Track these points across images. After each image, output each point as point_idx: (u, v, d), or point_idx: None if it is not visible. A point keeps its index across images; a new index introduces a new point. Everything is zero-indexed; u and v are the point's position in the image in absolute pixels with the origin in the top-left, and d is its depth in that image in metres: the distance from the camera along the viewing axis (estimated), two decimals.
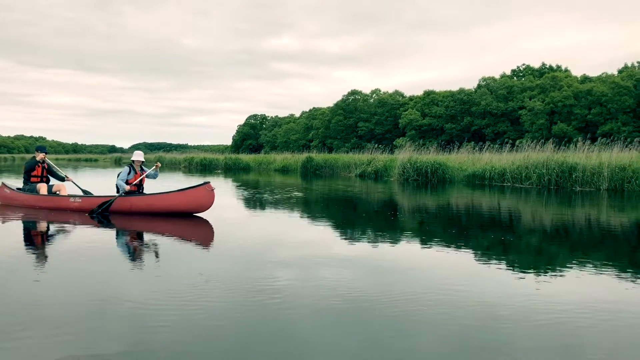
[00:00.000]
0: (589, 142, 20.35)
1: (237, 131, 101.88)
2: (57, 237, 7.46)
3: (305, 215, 10.52)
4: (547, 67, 62.15)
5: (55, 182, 11.01)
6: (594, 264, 5.68)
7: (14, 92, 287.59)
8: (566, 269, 5.52)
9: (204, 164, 43.91)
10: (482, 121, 55.97)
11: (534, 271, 5.34)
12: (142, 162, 10.01)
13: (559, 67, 61.70)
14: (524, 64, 63.65)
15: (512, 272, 5.30)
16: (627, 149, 19.72)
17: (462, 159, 23.46)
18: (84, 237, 7.34)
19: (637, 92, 46.68)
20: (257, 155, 52.54)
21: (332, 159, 31.93)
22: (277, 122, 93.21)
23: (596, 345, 3.30)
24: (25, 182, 10.72)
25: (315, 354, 3.07)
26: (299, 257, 5.87)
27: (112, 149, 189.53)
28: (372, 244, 6.90)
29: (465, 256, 6.12)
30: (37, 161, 10.58)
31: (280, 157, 39.54)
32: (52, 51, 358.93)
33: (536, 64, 62.78)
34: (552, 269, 5.52)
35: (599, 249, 6.94)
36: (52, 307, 3.88)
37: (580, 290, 4.62)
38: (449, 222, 9.56)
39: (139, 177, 9.73)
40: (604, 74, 53.24)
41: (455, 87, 60.87)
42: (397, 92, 70.30)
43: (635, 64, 54.54)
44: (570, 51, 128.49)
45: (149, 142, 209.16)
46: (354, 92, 71.57)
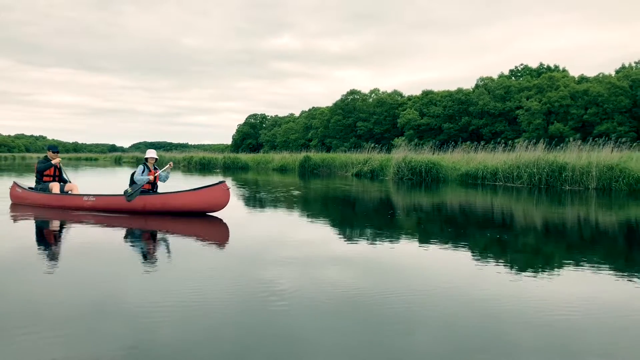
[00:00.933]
0: (579, 141, 20.75)
1: (237, 130, 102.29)
2: (68, 236, 7.46)
3: (303, 214, 10.69)
4: (544, 67, 62.57)
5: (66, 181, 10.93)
6: (589, 263, 5.73)
7: (14, 92, 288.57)
8: (563, 267, 5.57)
9: (202, 163, 44.29)
10: (480, 121, 56.37)
11: (531, 270, 5.38)
12: (155, 161, 9.92)
13: (556, 67, 62.11)
14: (522, 64, 64.13)
15: (510, 271, 5.32)
16: (618, 149, 20.17)
17: (456, 158, 23.86)
18: (95, 236, 7.36)
19: (632, 93, 47.06)
20: (256, 154, 52.94)
21: (329, 159, 32.33)
22: (276, 121, 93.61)
23: (595, 343, 3.31)
24: (37, 182, 10.64)
25: (316, 353, 3.07)
26: (299, 256, 5.90)
27: (113, 148, 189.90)
28: (371, 243, 6.94)
29: (462, 255, 6.16)
30: (52, 164, 10.54)
31: (278, 157, 39.95)
32: (53, 50, 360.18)
33: (536, 64, 63.22)
34: (549, 268, 5.55)
35: (593, 248, 7.02)
36: (56, 306, 3.88)
37: (577, 288, 4.64)
38: (445, 221, 9.73)
39: (153, 175, 9.65)
40: (600, 74, 53.62)
41: (455, 87, 61.16)
42: (395, 92, 70.72)
43: (632, 64, 55.03)
44: (570, 51, 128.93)
45: (149, 141, 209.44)
46: (352, 92, 71.96)
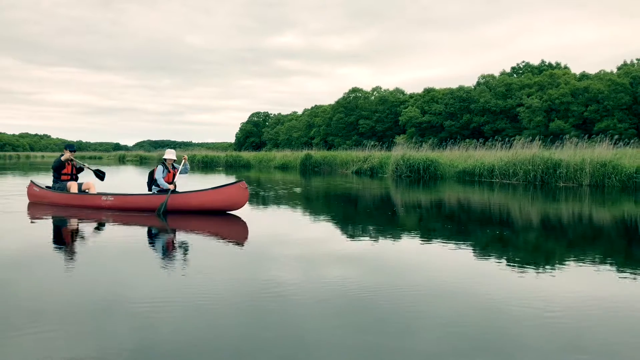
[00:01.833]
0: (575, 138, 21.10)
1: (240, 129, 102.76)
2: (84, 234, 7.44)
3: (304, 212, 10.86)
4: (546, 64, 62.70)
5: (83, 180, 10.96)
6: (590, 260, 5.77)
7: (18, 91, 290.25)
8: (563, 264, 5.61)
9: (205, 161, 44.79)
10: (481, 118, 56.60)
11: (533, 267, 5.38)
12: (174, 161, 10.00)
13: (558, 64, 62.24)
14: (523, 61, 64.28)
15: (511, 268, 5.33)
16: (614, 146, 20.51)
17: (454, 155, 24.24)
18: (111, 234, 7.40)
19: (633, 90, 47.24)
20: (258, 152, 53.39)
21: (330, 156, 32.75)
22: (279, 119, 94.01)
23: (599, 341, 3.31)
24: (55, 181, 10.61)
25: (319, 351, 3.08)
26: (301, 254, 5.94)
27: (117, 147, 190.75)
28: (372, 241, 6.98)
29: (463, 252, 6.18)
30: (62, 160, 10.46)
31: (280, 155, 40.42)
32: (57, 49, 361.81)
33: (539, 61, 63.27)
34: (550, 265, 5.58)
35: (593, 244, 7.09)
36: (63, 304, 3.90)
37: (579, 286, 4.66)
38: (444, 218, 9.87)
39: (173, 175, 9.78)
40: (601, 71, 53.78)
41: (459, 84, 61.44)
42: (397, 90, 70.99)
43: (634, 61, 55.15)
44: (574, 48, 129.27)
45: (153, 139, 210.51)
46: (355, 90, 72.27)
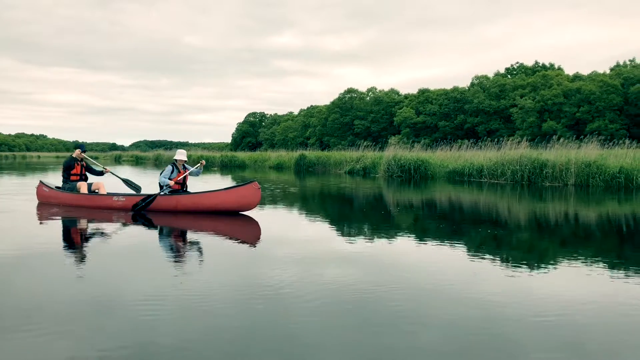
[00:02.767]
0: (562, 139, 21.58)
1: (236, 129, 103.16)
2: (92, 235, 7.41)
3: (299, 211, 10.93)
4: (539, 65, 63.29)
5: (93, 179, 10.94)
6: (583, 259, 5.85)
7: (15, 91, 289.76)
8: (558, 264, 5.67)
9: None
10: (475, 119, 57.16)
11: (528, 267, 5.43)
12: (185, 161, 9.97)
13: (551, 65, 62.83)
14: (517, 62, 64.86)
15: (507, 268, 5.37)
16: (603, 146, 21.02)
17: (445, 156, 24.68)
18: (120, 235, 7.39)
19: (624, 91, 47.84)
20: (253, 152, 53.75)
21: (324, 157, 33.18)
22: (275, 119, 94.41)
23: (598, 340, 3.32)
24: (64, 181, 10.58)
25: (317, 351, 3.09)
26: (298, 254, 5.97)
27: (113, 147, 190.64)
28: (368, 241, 7.00)
29: (458, 252, 6.22)
30: (75, 159, 10.49)
31: (274, 155, 40.81)
32: (54, 49, 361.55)
33: (533, 62, 63.81)
34: (545, 265, 5.63)
35: (584, 244, 7.21)
36: (61, 304, 3.90)
37: (576, 285, 4.72)
38: (438, 218, 9.95)
39: (182, 175, 9.77)
40: (593, 72, 54.40)
41: (458, 85, 61.87)
42: (392, 90, 71.52)
43: (627, 62, 55.77)
44: (572, 49, 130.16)
45: (150, 139, 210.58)
46: (350, 91, 72.75)
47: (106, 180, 11.16)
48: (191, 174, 9.93)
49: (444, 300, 4.13)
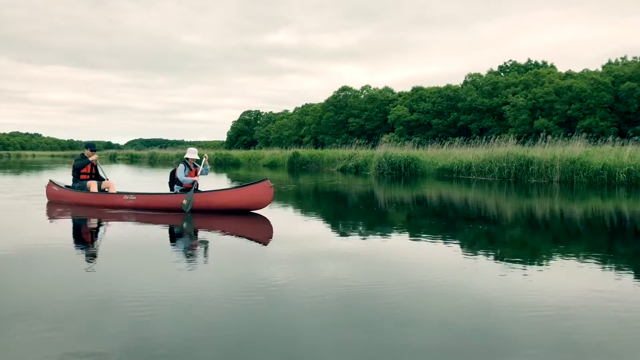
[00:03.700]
0: (549, 136, 22.07)
1: (231, 127, 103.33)
2: (99, 234, 7.43)
3: (293, 209, 10.99)
4: (532, 63, 63.81)
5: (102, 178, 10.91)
6: (575, 254, 6.00)
7: (10, 89, 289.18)
8: (551, 260, 5.75)
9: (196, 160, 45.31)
10: (468, 117, 57.61)
11: (522, 262, 5.52)
12: (196, 160, 9.97)
13: (544, 63, 63.35)
14: (510, 60, 65.35)
15: (501, 264, 5.43)
16: (591, 143, 21.52)
17: (435, 153, 25.13)
18: (130, 234, 7.33)
19: (614, 88, 48.39)
20: (247, 151, 54.08)
21: (317, 155, 33.60)
22: (271, 118, 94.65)
23: (590, 336, 3.35)
24: (74, 180, 10.49)
25: (312, 349, 3.10)
26: (293, 252, 6.01)
27: (108, 146, 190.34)
28: (362, 238, 7.06)
29: (452, 249, 6.30)
30: (89, 161, 10.42)
31: (268, 153, 41.23)
32: (51, 48, 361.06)
33: (526, 60, 64.27)
34: (538, 261, 5.71)
35: (575, 239, 7.36)
36: (61, 302, 3.91)
37: (568, 281, 4.79)
38: (430, 215, 10.10)
39: (195, 174, 9.72)
40: (585, 70, 54.95)
41: (455, 83, 62.36)
42: (386, 89, 71.90)
43: (619, 60, 56.33)
44: (570, 46, 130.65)
45: (145, 138, 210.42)
46: (344, 89, 73.09)
47: (116, 179, 11.27)
48: (201, 174, 9.83)
49: (439, 297, 4.16)
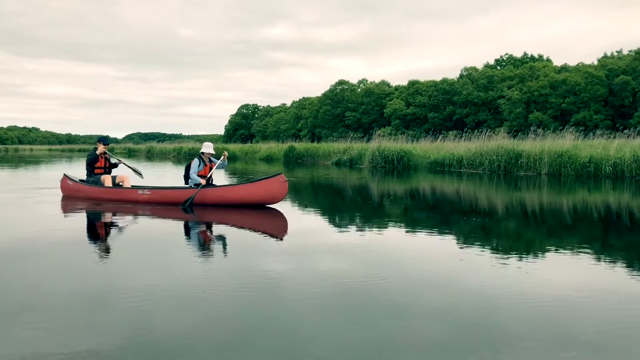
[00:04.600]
0: (540, 129, 22.48)
1: (229, 121, 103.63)
2: (115, 228, 7.41)
3: (291, 203, 10.87)
4: (528, 56, 64.11)
5: (116, 172, 10.86)
6: (569, 246, 6.07)
7: (8, 83, 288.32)
8: (546, 251, 5.86)
9: (192, 153, 45.75)
10: (464, 110, 57.98)
11: (518, 255, 5.57)
12: (211, 155, 9.88)
13: (540, 56, 63.65)
14: (506, 54, 65.62)
15: (498, 257, 5.44)
16: (585, 136, 21.94)
17: (427, 147, 25.53)
18: (142, 229, 7.32)
19: (608, 82, 48.77)
20: (244, 145, 54.46)
21: (312, 148, 33.98)
22: (268, 111, 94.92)
23: (587, 330, 3.36)
24: (88, 174, 10.50)
25: (312, 342, 3.09)
26: (291, 246, 6.03)
27: None
28: (359, 232, 7.04)
29: (449, 242, 6.32)
30: (97, 154, 10.41)
31: (265, 147, 41.61)
32: (48, 42, 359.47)
33: (522, 54, 64.52)
34: (534, 254, 5.76)
35: (567, 231, 7.48)
36: (60, 297, 3.90)
37: (564, 272, 4.83)
38: (425, 208, 10.18)
39: (210, 168, 9.67)
40: (580, 63, 55.29)
41: (452, 76, 62.63)
42: (383, 82, 72.20)
43: (614, 53, 56.67)
44: (565, 40, 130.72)
45: (143, 132, 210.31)
46: (341, 82, 73.38)
47: (128, 173, 11.16)
48: (218, 167, 9.85)
49: (436, 290, 4.17)
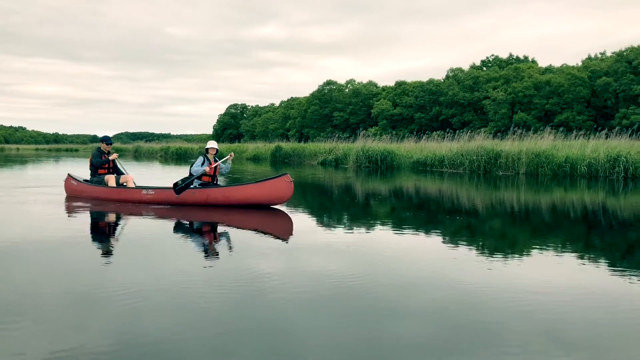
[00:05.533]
0: (521, 130, 23.01)
1: (217, 120, 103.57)
2: (116, 229, 7.42)
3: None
4: (514, 58, 64.91)
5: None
6: (554, 245, 6.23)
7: None
8: (532, 250, 6.01)
9: (179, 153, 45.94)
10: (450, 111, 58.64)
11: (505, 254, 5.70)
12: (216, 153, 9.68)
13: (525, 57, 64.48)
14: (492, 55, 66.40)
15: (486, 256, 5.56)
16: (565, 137, 22.52)
17: (411, 147, 25.99)
18: (143, 229, 7.30)
19: (591, 83, 49.63)
20: (231, 144, 54.68)
21: (299, 148, 34.33)
22: (257, 111, 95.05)
23: (577, 327, 3.39)
24: (92, 174, 10.51)
25: (302, 342, 3.10)
26: (280, 247, 6.05)
27: (94, 139, 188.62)
28: (347, 232, 7.14)
29: (436, 241, 6.44)
30: (102, 152, 10.52)
31: (252, 146, 41.89)
32: (36, 40, 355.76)
33: (512, 55, 65.20)
34: (519, 251, 5.95)
35: (551, 230, 7.67)
36: (46, 297, 3.88)
37: (551, 271, 4.91)
38: (409, 208, 10.30)
39: (213, 166, 9.48)
40: (564, 65, 56.16)
41: (442, 76, 63.22)
42: (370, 83, 72.68)
43: (598, 55, 57.59)
44: (553, 41, 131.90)
45: (131, 131, 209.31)
46: (329, 82, 73.75)
47: (135, 174, 11.17)
48: (220, 170, 9.66)
49: (425, 289, 4.21)
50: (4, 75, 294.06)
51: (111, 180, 10.23)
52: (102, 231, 7.33)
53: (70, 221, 8.17)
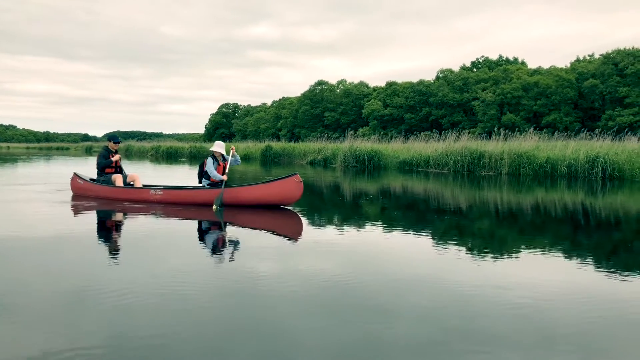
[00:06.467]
0: (503, 131, 23.50)
1: (209, 120, 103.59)
2: (120, 228, 7.42)
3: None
4: (503, 59, 65.58)
5: (127, 172, 10.82)
6: (542, 245, 6.37)
7: None
8: (521, 250, 6.12)
9: (170, 152, 46.11)
10: (439, 111, 59.15)
11: (494, 254, 5.77)
12: (222, 153, 9.75)
13: (515, 59, 65.17)
14: (482, 56, 67.01)
15: (475, 255, 5.62)
16: (553, 137, 23.02)
17: (397, 147, 26.41)
18: (154, 228, 7.27)
19: (578, 85, 50.34)
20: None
21: (289, 148, 34.72)
22: (249, 111, 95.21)
23: (568, 327, 3.41)
24: (99, 173, 10.43)
25: (294, 342, 3.11)
26: (272, 247, 6.06)
27: (85, 138, 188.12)
28: (338, 231, 7.19)
29: (426, 241, 6.49)
30: (110, 151, 10.49)
31: (242, 146, 42.15)
32: (28, 38, 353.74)
33: (501, 56, 65.82)
34: (509, 251, 6.04)
35: (539, 229, 7.85)
36: (43, 296, 3.88)
37: (541, 270, 4.97)
38: (398, 207, 10.41)
39: (224, 167, 9.57)
40: (552, 66, 56.85)
41: (433, 77, 63.72)
42: (361, 83, 73.10)
43: (587, 57, 58.33)
44: (543, 43, 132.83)
45: (124, 130, 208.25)
46: (320, 83, 74.09)
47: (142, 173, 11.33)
48: (231, 165, 9.75)
49: (417, 290, 4.23)
50: None
51: (118, 179, 10.20)
52: (107, 230, 7.33)
53: (75, 220, 8.15)
